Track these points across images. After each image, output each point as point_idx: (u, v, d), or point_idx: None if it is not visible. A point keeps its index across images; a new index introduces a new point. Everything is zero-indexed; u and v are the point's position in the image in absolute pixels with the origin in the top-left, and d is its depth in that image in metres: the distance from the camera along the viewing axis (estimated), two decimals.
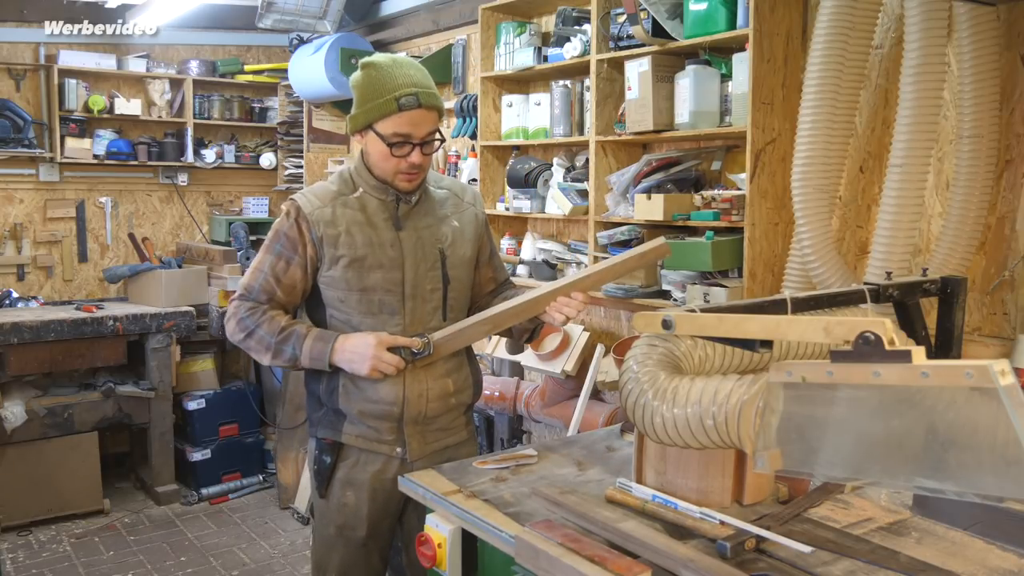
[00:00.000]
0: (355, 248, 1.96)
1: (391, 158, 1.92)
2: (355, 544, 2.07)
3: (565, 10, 3.34)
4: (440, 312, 2.04)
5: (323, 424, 2.06)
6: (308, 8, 4.45)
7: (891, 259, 2.21)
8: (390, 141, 1.90)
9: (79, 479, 4.27)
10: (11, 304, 4.47)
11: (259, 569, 3.80)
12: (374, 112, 1.90)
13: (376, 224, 1.98)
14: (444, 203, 2.09)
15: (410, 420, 2.01)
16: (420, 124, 1.91)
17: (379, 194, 2.00)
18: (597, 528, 1.52)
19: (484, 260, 2.17)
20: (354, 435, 2.03)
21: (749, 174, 2.59)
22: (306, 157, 5.09)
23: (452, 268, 2.05)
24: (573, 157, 3.47)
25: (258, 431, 4.92)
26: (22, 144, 4.58)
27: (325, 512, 2.08)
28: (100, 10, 4.66)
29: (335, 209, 1.97)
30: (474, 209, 2.14)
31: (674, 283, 2.92)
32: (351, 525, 2.05)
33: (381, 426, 2.01)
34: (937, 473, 1.13)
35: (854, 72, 2.37)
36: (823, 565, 1.39)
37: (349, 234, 1.96)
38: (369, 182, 2.00)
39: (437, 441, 2.08)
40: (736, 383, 1.44)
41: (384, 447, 2.03)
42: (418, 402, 2.01)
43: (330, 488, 2.05)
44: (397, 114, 1.88)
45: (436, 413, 2.05)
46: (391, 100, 1.88)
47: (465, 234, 2.09)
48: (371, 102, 1.90)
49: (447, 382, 2.05)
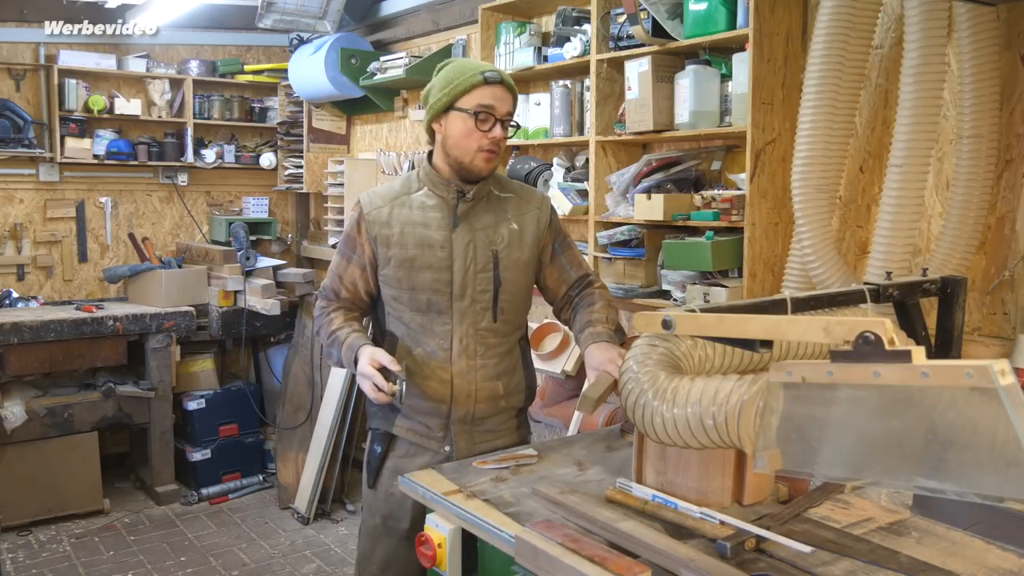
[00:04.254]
0: (406, 248, 2.01)
1: (475, 132, 1.97)
2: (398, 536, 2.10)
3: (565, 10, 3.34)
4: (490, 313, 2.05)
5: (378, 416, 2.13)
6: (308, 8, 4.44)
7: (891, 259, 2.21)
8: (475, 111, 1.95)
9: (79, 479, 4.27)
10: (11, 304, 4.47)
11: (259, 569, 3.80)
12: (459, 87, 1.96)
13: (429, 224, 2.02)
14: (507, 205, 2.10)
15: (457, 419, 2.05)
16: (502, 99, 1.99)
17: (441, 191, 2.04)
18: (597, 528, 1.52)
19: (547, 262, 2.17)
20: (405, 428, 2.08)
21: (749, 174, 2.59)
22: (306, 157, 5.08)
23: (505, 271, 2.05)
24: (573, 157, 3.47)
25: (258, 431, 4.92)
26: (22, 144, 4.58)
27: (373, 502, 2.14)
28: (100, 10, 4.65)
29: (392, 209, 2.04)
30: (538, 212, 2.14)
31: (674, 283, 2.92)
32: (396, 516, 2.09)
33: (431, 422, 2.06)
34: (937, 473, 1.13)
35: (854, 72, 2.37)
36: (823, 565, 1.39)
37: (402, 234, 2.02)
38: (434, 179, 2.05)
39: (486, 442, 2.10)
40: (736, 383, 1.44)
41: (433, 443, 2.07)
42: (466, 402, 2.04)
43: (379, 478, 2.11)
44: (483, 86, 1.96)
45: (485, 414, 2.08)
46: (476, 74, 1.96)
47: (524, 237, 2.09)
48: (455, 80, 1.97)
49: (497, 385, 2.08)
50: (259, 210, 5.50)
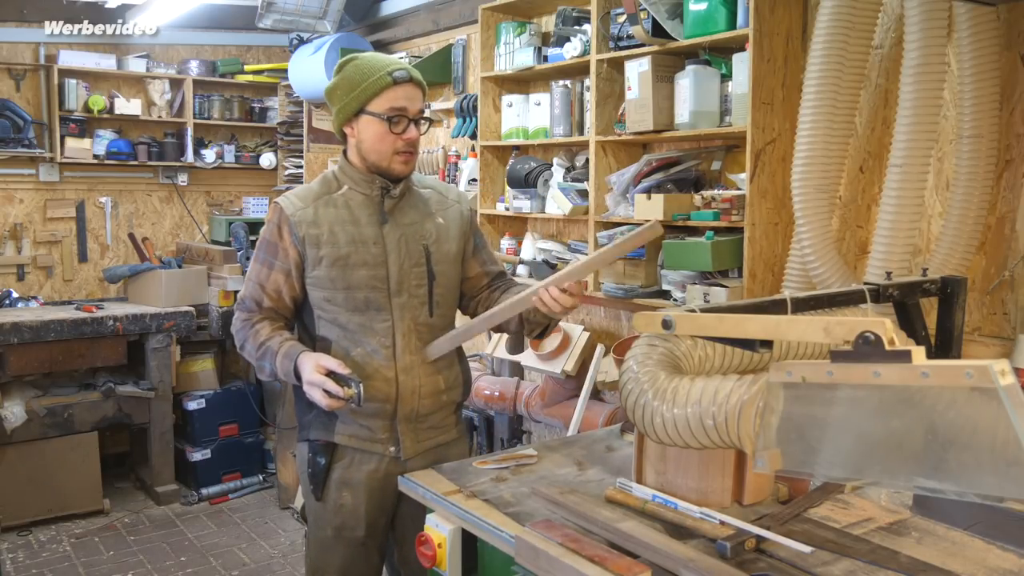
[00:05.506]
0: (338, 246, 1.96)
1: (388, 135, 1.94)
2: (354, 544, 2.06)
3: (565, 10, 3.34)
4: (427, 308, 2.03)
5: (314, 426, 2.05)
6: (308, 8, 4.45)
7: (891, 259, 2.21)
8: (388, 115, 1.92)
9: (79, 479, 4.26)
10: (11, 304, 4.47)
11: (259, 569, 3.80)
12: (368, 91, 1.92)
13: (360, 221, 1.99)
14: (428, 201, 2.10)
15: (403, 418, 2.01)
16: (413, 98, 1.95)
17: (364, 188, 2.00)
18: (597, 528, 1.52)
19: (469, 254, 2.16)
20: (347, 435, 2.02)
21: (749, 174, 2.59)
22: (306, 157, 5.08)
23: (437, 264, 2.05)
24: (573, 157, 3.47)
25: (258, 431, 4.92)
26: (22, 144, 4.58)
27: (321, 515, 2.07)
28: (100, 10, 4.66)
29: (317, 209, 1.98)
30: (459, 207, 2.15)
31: (674, 283, 2.92)
32: (350, 525, 2.05)
33: (374, 424, 2.01)
34: (937, 473, 1.13)
35: (854, 72, 2.37)
36: (823, 565, 1.39)
37: (332, 233, 1.96)
38: (354, 177, 2.01)
39: (429, 439, 2.08)
40: (736, 383, 1.44)
41: (378, 446, 2.02)
42: (411, 399, 2.01)
43: (326, 490, 2.04)
44: (392, 88, 1.91)
45: (428, 410, 2.05)
46: (384, 75, 1.91)
47: (450, 231, 2.09)
48: (362, 84, 1.92)
49: (438, 379, 2.06)
50: (259, 210, 5.50)
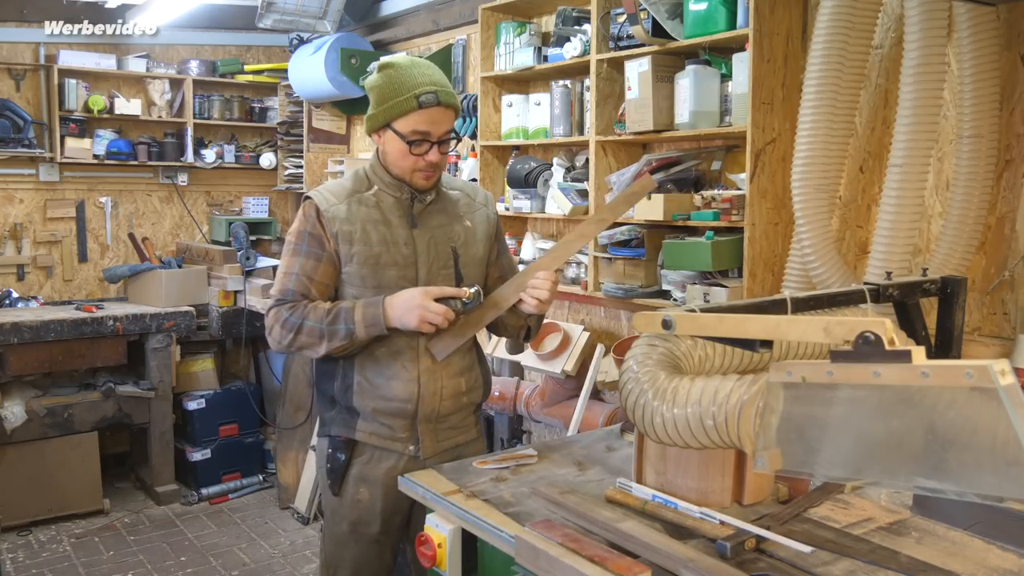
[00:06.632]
0: (370, 245, 1.97)
1: (409, 156, 1.95)
2: (368, 540, 2.08)
3: (565, 10, 3.34)
4: None
5: (336, 422, 2.07)
6: (308, 8, 4.44)
7: (891, 259, 2.21)
8: (409, 139, 1.93)
9: (79, 479, 4.27)
10: (11, 304, 4.47)
11: (259, 569, 3.80)
12: (394, 110, 1.92)
13: (391, 222, 2.00)
14: (457, 204, 2.11)
15: (424, 418, 2.03)
16: (439, 122, 1.94)
17: (394, 192, 2.02)
18: (597, 528, 1.52)
19: (492, 260, 2.18)
20: (368, 432, 2.04)
21: (749, 174, 2.59)
22: (306, 157, 5.08)
23: (465, 267, 2.07)
24: (573, 157, 3.47)
25: (258, 431, 4.93)
26: (22, 144, 4.58)
27: (338, 509, 2.10)
28: (100, 10, 4.66)
29: (350, 206, 1.99)
30: (486, 210, 2.16)
31: (674, 283, 2.92)
32: (365, 521, 2.07)
33: (395, 424, 2.03)
34: (937, 473, 1.13)
35: (854, 72, 2.37)
36: (823, 565, 1.39)
37: (364, 231, 1.98)
38: (385, 179, 2.02)
39: (449, 439, 2.10)
40: (736, 383, 1.44)
41: (398, 444, 2.04)
42: (432, 400, 2.02)
43: (344, 485, 2.07)
44: (417, 112, 1.91)
45: (449, 411, 2.07)
46: (411, 98, 1.90)
47: (477, 234, 2.11)
48: (390, 100, 1.92)
49: (460, 381, 2.07)
50: (259, 210, 5.50)
